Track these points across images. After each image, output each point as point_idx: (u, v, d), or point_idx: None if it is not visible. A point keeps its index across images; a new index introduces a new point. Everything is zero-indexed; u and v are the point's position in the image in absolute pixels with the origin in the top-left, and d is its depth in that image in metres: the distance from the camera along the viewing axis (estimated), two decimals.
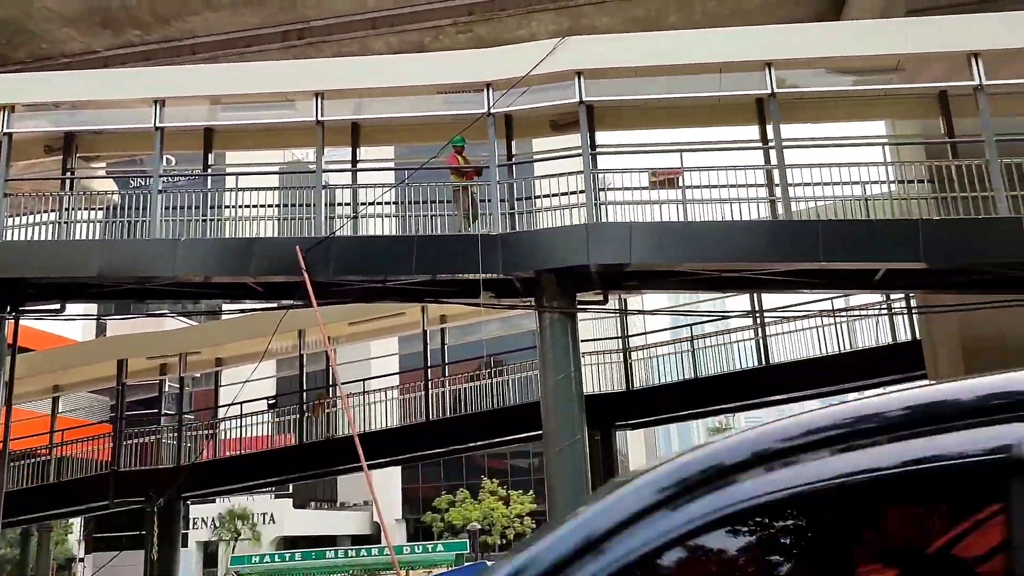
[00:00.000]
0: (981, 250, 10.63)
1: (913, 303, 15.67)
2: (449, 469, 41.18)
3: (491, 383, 18.12)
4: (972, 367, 12.87)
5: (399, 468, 43.92)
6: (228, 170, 14.70)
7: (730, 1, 16.16)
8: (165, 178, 13.24)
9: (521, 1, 16.19)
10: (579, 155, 11.28)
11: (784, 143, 11.10)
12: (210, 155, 13.08)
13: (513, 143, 12.21)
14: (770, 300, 17.72)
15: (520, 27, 16.63)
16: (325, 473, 25.24)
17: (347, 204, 12.46)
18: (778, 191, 11.01)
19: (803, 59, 11.52)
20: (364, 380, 19.91)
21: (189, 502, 32.99)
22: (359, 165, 12.99)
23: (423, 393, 18.20)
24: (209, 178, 13.05)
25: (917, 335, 15.75)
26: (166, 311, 24.25)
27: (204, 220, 12.11)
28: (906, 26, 12.08)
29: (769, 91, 11.14)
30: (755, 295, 16.89)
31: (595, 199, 11.04)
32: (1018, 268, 10.86)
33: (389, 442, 18.05)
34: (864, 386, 18.27)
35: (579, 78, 11.25)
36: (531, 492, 45.55)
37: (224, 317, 25.17)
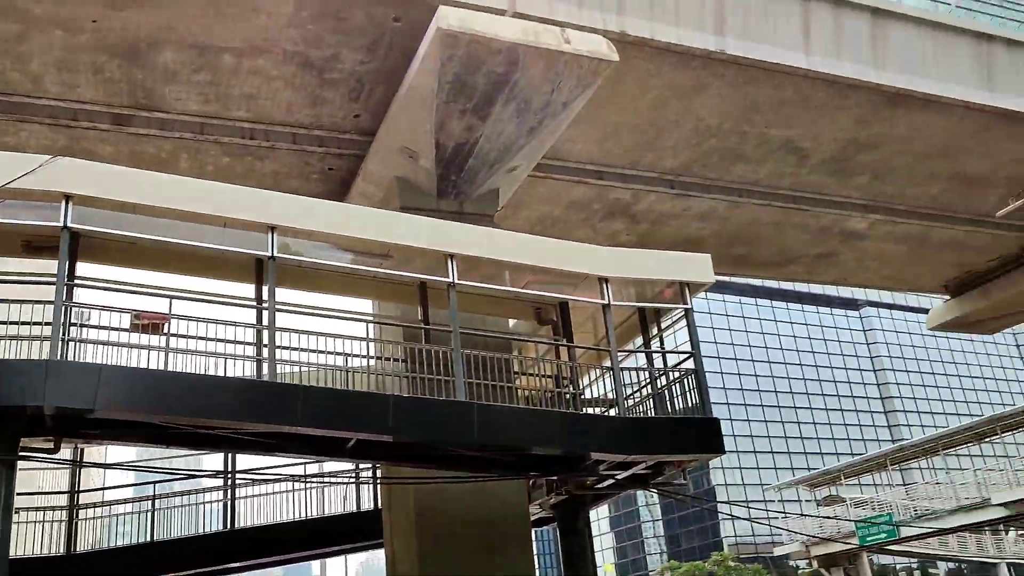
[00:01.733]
0: (440, 429, 11.75)
1: (379, 473, 16.57)
2: None
3: None
4: (423, 537, 13.87)
5: None
6: None
7: (245, 161, 16.50)
8: None
9: (10, 107, 14.61)
10: (53, 283, 10.14)
11: (278, 306, 11.30)
12: None
13: None
14: (244, 461, 17.35)
15: (7, 134, 14.91)
16: None
17: None
18: (266, 352, 11.06)
19: (307, 230, 12.03)
20: None
21: None
22: None
23: None
24: None
25: (380, 505, 16.59)
26: None
27: None
28: (398, 220, 13.45)
29: (270, 254, 11.38)
30: (230, 455, 16.39)
31: (63, 334, 9.92)
32: (469, 448, 12.19)
33: None
34: (327, 553, 18.53)
35: (67, 202, 10.30)
36: None
37: None
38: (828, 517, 46.39)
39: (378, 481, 16.66)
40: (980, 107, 18.15)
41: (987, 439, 44.81)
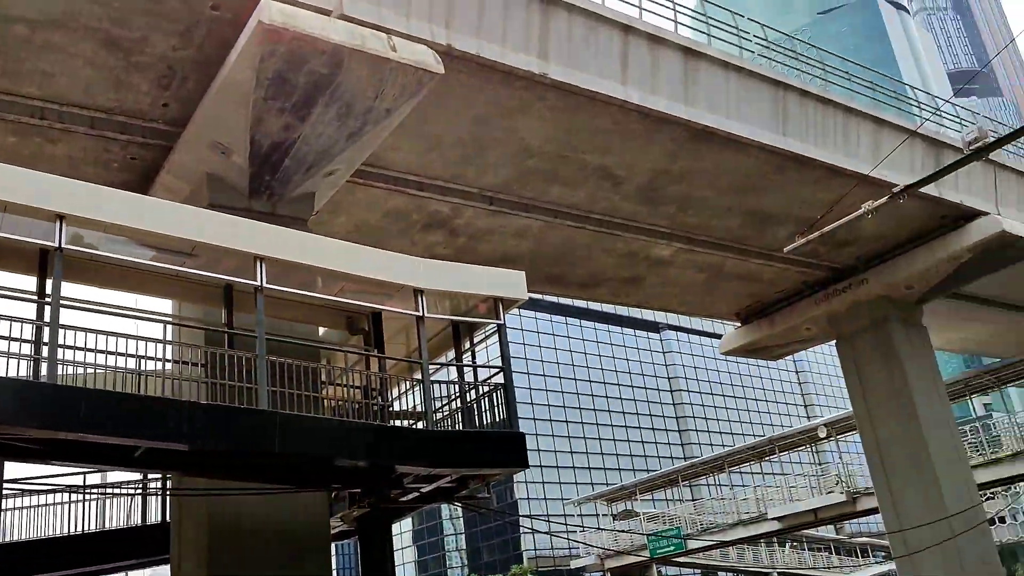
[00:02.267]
0: (240, 439, 11.20)
1: (170, 484, 15.60)
2: None
3: None
4: (215, 551, 13.16)
5: None
6: None
7: (33, 143, 15.10)
8: None
9: None
10: None
11: (63, 301, 10.39)
12: None
13: None
14: (14, 469, 15.83)
15: None
16: None
17: None
18: (46, 351, 10.12)
19: (102, 221, 11.14)
20: None
21: None
22: None
23: None
24: None
25: (168, 518, 15.61)
26: None
27: None
28: (205, 217, 12.76)
29: (57, 245, 10.46)
30: None
31: None
32: (268, 458, 11.70)
33: None
34: (105, 570, 17.26)
35: None
36: None
37: None
38: (622, 531, 48.45)
39: (168, 493, 15.68)
40: (774, 149, 19.66)
41: (766, 458, 48.52)
